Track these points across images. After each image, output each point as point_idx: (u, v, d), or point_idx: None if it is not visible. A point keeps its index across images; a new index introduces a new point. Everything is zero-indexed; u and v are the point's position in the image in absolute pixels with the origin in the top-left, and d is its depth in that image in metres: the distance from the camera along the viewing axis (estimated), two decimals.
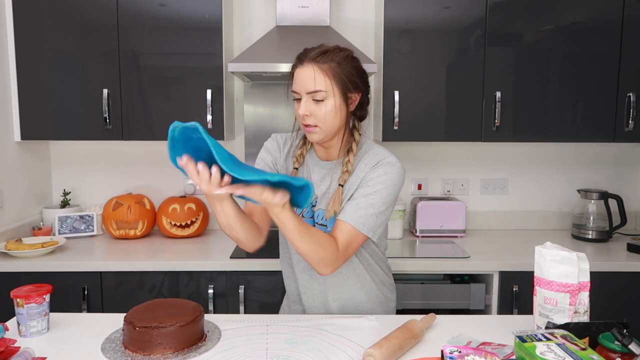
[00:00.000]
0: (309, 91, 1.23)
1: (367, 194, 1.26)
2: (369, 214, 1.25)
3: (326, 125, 1.25)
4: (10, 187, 2.27)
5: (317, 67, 1.23)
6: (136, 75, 2.24)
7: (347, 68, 1.26)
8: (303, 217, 1.37)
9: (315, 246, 1.18)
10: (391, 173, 1.28)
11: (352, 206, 1.26)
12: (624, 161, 2.66)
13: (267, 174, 1.02)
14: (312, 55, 1.25)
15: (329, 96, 1.24)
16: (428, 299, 2.06)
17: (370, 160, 1.31)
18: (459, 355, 0.91)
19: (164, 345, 1.14)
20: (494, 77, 2.24)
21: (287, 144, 1.43)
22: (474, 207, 2.67)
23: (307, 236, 1.16)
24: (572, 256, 1.15)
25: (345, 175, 1.30)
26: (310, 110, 1.24)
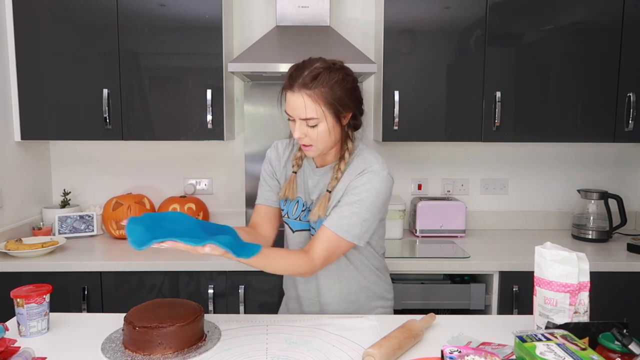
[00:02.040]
0: (301, 118, 1.26)
1: (351, 202, 1.29)
2: (353, 222, 1.28)
3: (321, 144, 1.30)
4: (10, 187, 2.27)
5: (307, 96, 1.24)
6: (136, 75, 2.24)
7: (338, 92, 1.26)
8: (300, 220, 1.41)
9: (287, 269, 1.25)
10: (375, 181, 1.30)
11: (336, 213, 1.30)
12: (624, 161, 2.66)
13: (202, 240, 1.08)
14: (302, 82, 1.24)
15: (322, 121, 1.27)
16: (428, 299, 2.06)
17: (357, 167, 1.34)
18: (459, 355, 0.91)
19: (164, 345, 1.14)
20: (494, 77, 2.24)
21: (287, 150, 1.47)
22: (474, 207, 2.67)
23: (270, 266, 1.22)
24: (572, 256, 1.16)
25: (334, 182, 1.34)
26: (304, 132, 1.28)
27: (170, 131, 2.28)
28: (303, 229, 1.42)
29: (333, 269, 1.42)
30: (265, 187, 1.48)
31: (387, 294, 1.52)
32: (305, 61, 1.30)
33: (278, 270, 1.25)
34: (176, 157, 2.63)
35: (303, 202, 1.42)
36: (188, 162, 2.63)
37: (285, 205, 1.45)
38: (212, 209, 2.61)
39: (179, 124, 2.27)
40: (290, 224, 1.44)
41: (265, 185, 1.48)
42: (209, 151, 2.62)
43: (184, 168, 2.63)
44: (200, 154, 2.63)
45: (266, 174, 1.48)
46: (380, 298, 1.50)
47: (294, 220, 1.43)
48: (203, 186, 2.64)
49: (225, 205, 2.65)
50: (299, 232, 1.43)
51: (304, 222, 1.41)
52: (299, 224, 1.42)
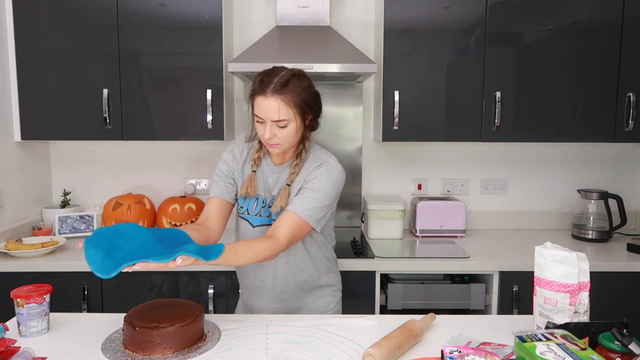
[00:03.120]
0: (273, 120, 1.36)
1: (313, 189, 1.41)
2: (315, 207, 1.39)
3: (287, 143, 1.41)
4: (10, 187, 2.27)
5: (280, 99, 1.35)
6: (136, 75, 2.24)
7: (305, 96, 1.39)
8: (261, 216, 1.50)
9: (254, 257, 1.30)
10: (332, 172, 1.44)
11: (299, 199, 1.40)
12: (624, 161, 2.66)
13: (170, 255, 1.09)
14: (274, 87, 1.35)
15: (291, 122, 1.38)
16: (428, 299, 2.06)
17: (314, 162, 1.47)
18: (459, 355, 0.91)
19: (164, 345, 1.14)
20: (494, 77, 2.24)
21: (244, 153, 1.56)
22: (474, 207, 2.67)
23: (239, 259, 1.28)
24: (572, 256, 1.16)
25: (293, 176, 1.46)
26: (274, 133, 1.38)
27: (170, 131, 2.28)
28: (264, 224, 1.49)
29: (290, 260, 1.51)
30: (221, 183, 1.53)
31: (337, 284, 1.64)
32: (271, 69, 1.41)
33: (246, 261, 1.30)
34: (176, 157, 2.63)
35: (263, 198, 1.51)
36: (188, 162, 2.63)
37: (244, 202, 1.52)
38: None
39: (179, 124, 2.27)
40: (251, 220, 1.51)
41: (221, 182, 1.54)
42: (209, 151, 2.62)
43: (184, 168, 2.63)
44: (200, 154, 2.63)
45: (222, 172, 1.54)
46: (330, 286, 1.60)
47: (254, 216, 1.50)
48: (203, 186, 2.64)
49: None
50: (259, 227, 1.50)
51: (264, 217, 1.50)
52: (260, 219, 1.50)
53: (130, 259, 1.06)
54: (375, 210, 2.39)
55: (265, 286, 1.54)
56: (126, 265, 1.05)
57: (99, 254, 1.07)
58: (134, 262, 1.06)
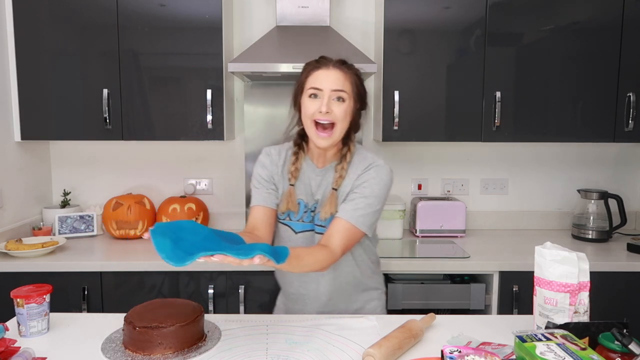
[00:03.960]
0: (334, 89, 1.33)
1: (364, 195, 1.36)
2: (367, 213, 1.35)
3: (340, 125, 1.35)
4: (10, 187, 2.27)
5: (342, 72, 1.35)
6: (136, 75, 2.24)
7: (360, 81, 1.40)
8: (303, 221, 1.44)
9: (313, 266, 1.26)
10: (382, 174, 1.39)
11: (351, 206, 1.35)
12: (624, 161, 2.66)
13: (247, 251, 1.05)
14: (336, 62, 1.36)
15: (348, 99, 1.35)
16: (428, 299, 2.06)
17: (361, 164, 1.41)
18: (459, 355, 0.91)
19: (164, 345, 1.14)
20: (494, 77, 2.24)
21: (281, 156, 1.49)
22: (474, 207, 2.67)
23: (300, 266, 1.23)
24: (572, 256, 1.16)
25: (339, 180, 1.40)
26: (331, 108, 1.32)
27: (170, 131, 2.28)
28: (306, 229, 1.44)
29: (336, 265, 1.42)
30: (262, 190, 1.47)
31: (381, 286, 1.59)
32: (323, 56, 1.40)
33: (305, 269, 1.26)
34: (176, 157, 2.63)
35: (305, 203, 1.44)
36: (188, 162, 2.63)
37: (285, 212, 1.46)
38: (212, 209, 2.61)
39: (179, 124, 2.27)
40: (293, 226, 1.46)
41: (262, 188, 1.47)
42: (209, 151, 2.62)
43: (184, 168, 2.63)
44: (200, 154, 2.63)
45: (262, 178, 1.47)
46: (375, 289, 1.56)
47: (296, 222, 1.45)
48: (203, 186, 2.64)
49: (225, 205, 2.65)
50: (302, 233, 1.45)
51: (306, 223, 1.44)
52: (302, 225, 1.44)
53: (197, 250, 1.03)
54: None
55: (310, 294, 1.48)
56: (204, 254, 1.02)
57: (168, 243, 1.04)
58: (213, 252, 1.02)
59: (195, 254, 1.01)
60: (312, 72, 1.36)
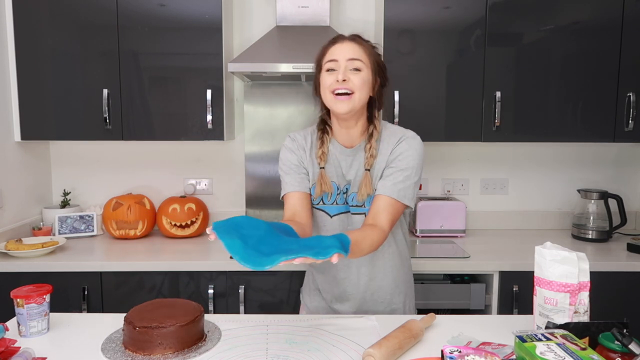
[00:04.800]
0: (350, 58, 1.33)
1: (401, 168, 1.36)
2: (407, 186, 1.36)
3: (359, 93, 1.33)
4: (10, 187, 2.27)
5: (357, 44, 1.36)
6: (136, 75, 2.24)
7: (377, 55, 1.40)
8: (337, 204, 1.43)
9: (370, 247, 1.26)
10: (415, 144, 1.39)
11: (390, 181, 1.35)
12: (624, 161, 2.66)
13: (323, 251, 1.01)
14: (351, 36, 1.38)
15: (365, 68, 1.34)
16: (428, 299, 2.06)
17: (391, 139, 1.40)
18: (459, 355, 0.91)
19: (164, 345, 1.14)
20: (494, 77, 2.24)
21: (307, 140, 1.48)
22: (474, 207, 2.67)
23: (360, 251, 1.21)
24: (572, 256, 1.15)
25: (371, 160, 1.39)
26: (348, 76, 1.32)
27: (170, 131, 2.28)
28: (341, 212, 1.43)
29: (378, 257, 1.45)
30: (294, 175, 1.44)
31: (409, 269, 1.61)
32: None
33: (365, 253, 1.25)
34: (176, 157, 2.63)
35: (337, 185, 1.43)
36: (188, 162, 2.63)
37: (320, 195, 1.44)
38: (212, 209, 2.61)
39: (179, 124, 2.27)
40: (327, 210, 1.44)
41: (294, 174, 1.44)
42: (209, 151, 2.62)
43: (184, 168, 2.63)
44: (200, 154, 2.63)
45: (292, 163, 1.45)
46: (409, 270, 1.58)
47: (330, 205, 1.44)
48: (203, 186, 2.64)
49: (225, 205, 2.65)
50: (337, 216, 1.44)
51: (340, 205, 1.43)
52: (337, 208, 1.44)
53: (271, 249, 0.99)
54: None
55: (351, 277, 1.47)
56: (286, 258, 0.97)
57: (238, 242, 1.00)
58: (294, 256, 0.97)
59: (276, 258, 0.97)
60: (328, 48, 1.38)
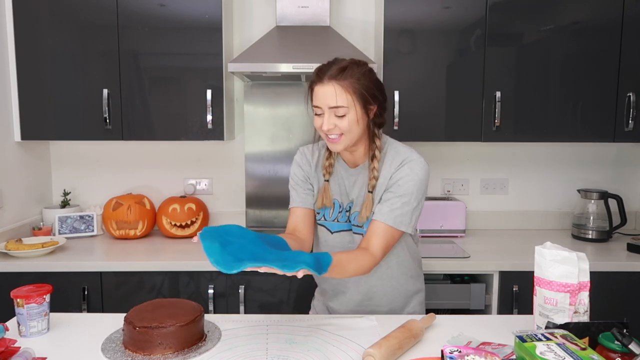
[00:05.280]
0: (331, 106, 1.29)
1: (400, 194, 1.34)
2: (404, 212, 1.34)
3: (349, 134, 1.31)
4: (10, 187, 2.27)
5: (337, 85, 1.28)
6: (136, 75, 2.24)
7: (366, 82, 1.31)
8: (338, 221, 1.44)
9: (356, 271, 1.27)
10: (416, 169, 1.36)
11: (387, 207, 1.34)
12: (624, 161, 2.66)
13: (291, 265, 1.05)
14: (331, 74, 1.29)
15: (350, 110, 1.29)
16: (428, 299, 2.04)
17: (394, 160, 1.38)
18: (459, 355, 0.91)
19: (164, 345, 1.14)
20: (494, 77, 2.24)
21: (314, 155, 1.49)
22: (474, 207, 2.67)
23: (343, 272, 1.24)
24: (572, 256, 1.16)
25: (373, 181, 1.37)
26: (333, 123, 1.30)
27: (170, 131, 2.28)
28: (342, 229, 1.44)
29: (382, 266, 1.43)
30: (300, 190, 1.47)
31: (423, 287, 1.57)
32: (331, 60, 1.34)
33: (349, 275, 1.26)
34: (176, 157, 2.63)
35: (339, 203, 1.44)
36: (188, 162, 2.63)
37: (321, 209, 1.46)
38: (212, 209, 2.61)
39: (179, 124, 2.27)
40: (329, 226, 1.46)
41: (299, 189, 1.47)
42: (209, 151, 2.62)
43: (184, 168, 2.63)
44: (200, 154, 2.63)
45: (299, 179, 1.48)
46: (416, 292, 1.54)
47: (332, 222, 1.45)
48: (203, 186, 2.64)
49: (225, 205, 2.65)
50: (338, 233, 1.45)
51: (342, 223, 1.44)
52: (338, 225, 1.44)
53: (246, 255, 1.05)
54: None
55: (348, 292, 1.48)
56: (251, 265, 1.03)
57: (216, 246, 1.06)
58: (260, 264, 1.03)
59: (244, 263, 1.02)
60: (312, 86, 1.33)
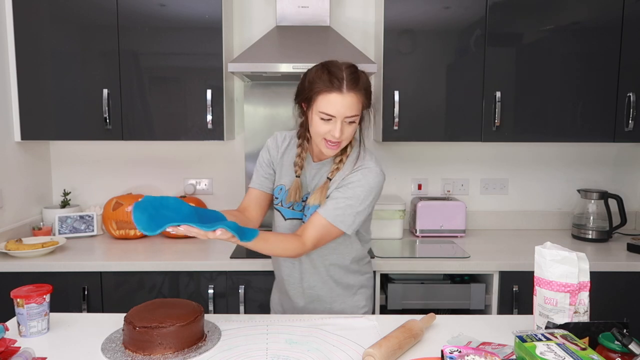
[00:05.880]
0: (347, 116, 1.32)
1: (347, 195, 1.38)
2: (347, 213, 1.38)
3: (347, 141, 1.38)
4: (10, 187, 2.27)
5: (355, 95, 1.32)
6: (136, 75, 2.24)
7: (369, 90, 1.38)
8: (293, 209, 1.49)
9: (281, 252, 1.35)
10: (369, 177, 1.40)
11: (332, 204, 1.38)
12: (624, 161, 2.66)
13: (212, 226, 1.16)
14: (349, 84, 1.31)
15: (357, 118, 1.36)
16: (428, 299, 2.06)
17: (353, 164, 1.43)
18: (459, 355, 0.91)
19: (164, 345, 1.14)
20: (494, 77, 2.24)
21: (285, 142, 1.54)
22: (474, 207, 2.67)
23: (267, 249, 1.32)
24: (572, 256, 1.16)
25: (335, 171, 1.43)
26: (342, 131, 1.33)
27: (170, 131, 2.28)
28: (295, 217, 1.49)
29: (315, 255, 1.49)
30: (261, 172, 1.55)
31: (367, 286, 1.60)
32: (329, 63, 1.35)
33: (273, 253, 1.35)
34: (176, 157, 2.63)
35: None
36: (188, 162, 2.63)
37: (279, 194, 1.51)
38: (212, 208, 2.61)
39: (179, 124, 2.27)
40: (283, 212, 1.51)
41: (261, 171, 1.55)
42: (209, 151, 2.62)
43: (184, 168, 2.63)
44: (200, 154, 2.63)
45: (263, 162, 1.55)
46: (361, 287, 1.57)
47: (286, 208, 1.50)
48: (203, 186, 2.64)
49: (225, 205, 2.64)
50: (290, 220, 1.50)
51: (296, 211, 1.49)
52: (292, 213, 1.49)
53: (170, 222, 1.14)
54: (376, 210, 2.36)
55: (293, 282, 1.54)
56: (172, 224, 1.13)
57: (145, 217, 1.15)
58: (179, 223, 1.13)
59: (164, 225, 1.13)
60: (324, 92, 1.30)
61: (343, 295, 1.54)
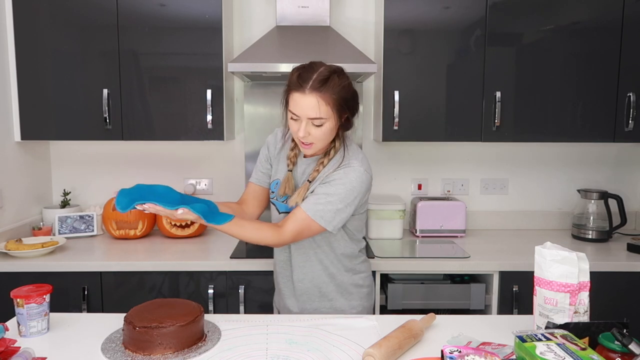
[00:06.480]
0: (311, 117, 1.34)
1: (328, 192, 1.39)
2: (327, 210, 1.38)
3: (321, 143, 1.40)
4: (10, 187, 2.27)
5: (320, 97, 1.32)
6: (136, 75, 2.24)
7: (344, 94, 1.37)
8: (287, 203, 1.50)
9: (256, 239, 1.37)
10: (350, 175, 1.40)
11: (313, 199, 1.39)
12: (624, 161, 2.66)
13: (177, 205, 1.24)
14: (314, 85, 1.32)
15: (328, 121, 1.36)
16: (428, 299, 2.06)
17: (337, 162, 1.44)
18: (459, 355, 0.91)
19: (164, 345, 1.15)
20: (494, 77, 2.24)
21: (284, 137, 1.57)
22: (474, 207, 2.67)
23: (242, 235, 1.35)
24: (572, 256, 1.16)
25: (315, 173, 1.45)
26: (309, 131, 1.36)
27: (170, 131, 2.28)
28: (289, 211, 1.49)
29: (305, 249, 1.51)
30: (260, 168, 1.60)
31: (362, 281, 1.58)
32: (310, 64, 1.37)
33: (247, 239, 1.36)
34: (176, 157, 2.63)
35: None
36: (188, 162, 2.63)
37: (275, 188, 1.53)
38: None
39: (179, 124, 2.27)
40: (277, 205, 1.54)
41: (260, 167, 1.60)
42: (209, 151, 2.62)
43: (184, 168, 2.63)
44: (200, 154, 2.63)
45: (263, 157, 1.60)
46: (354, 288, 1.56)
47: (281, 202, 1.52)
48: (203, 186, 2.64)
49: None
50: (284, 214, 1.51)
51: (281, 202, 1.52)
52: (285, 207, 1.51)
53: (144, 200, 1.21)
54: (375, 210, 2.39)
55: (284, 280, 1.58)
56: (139, 203, 1.20)
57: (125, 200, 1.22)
58: (144, 202, 1.20)
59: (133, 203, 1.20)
60: (291, 92, 1.35)
61: (334, 292, 1.54)
